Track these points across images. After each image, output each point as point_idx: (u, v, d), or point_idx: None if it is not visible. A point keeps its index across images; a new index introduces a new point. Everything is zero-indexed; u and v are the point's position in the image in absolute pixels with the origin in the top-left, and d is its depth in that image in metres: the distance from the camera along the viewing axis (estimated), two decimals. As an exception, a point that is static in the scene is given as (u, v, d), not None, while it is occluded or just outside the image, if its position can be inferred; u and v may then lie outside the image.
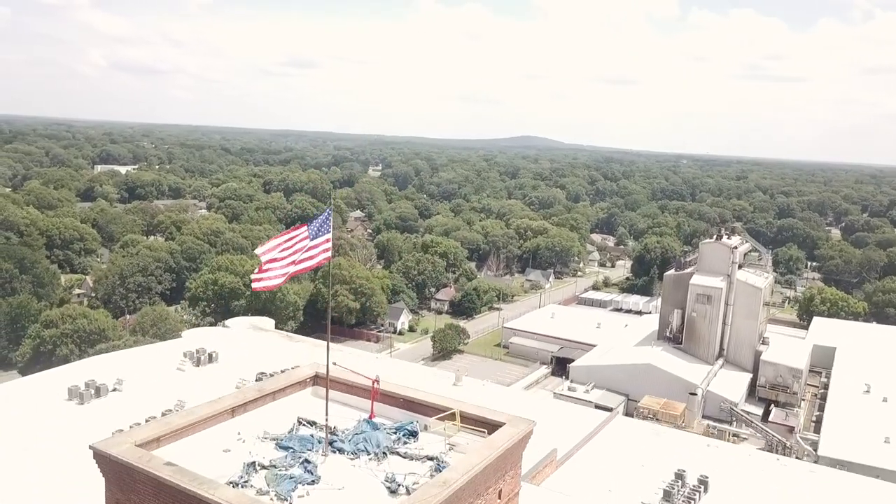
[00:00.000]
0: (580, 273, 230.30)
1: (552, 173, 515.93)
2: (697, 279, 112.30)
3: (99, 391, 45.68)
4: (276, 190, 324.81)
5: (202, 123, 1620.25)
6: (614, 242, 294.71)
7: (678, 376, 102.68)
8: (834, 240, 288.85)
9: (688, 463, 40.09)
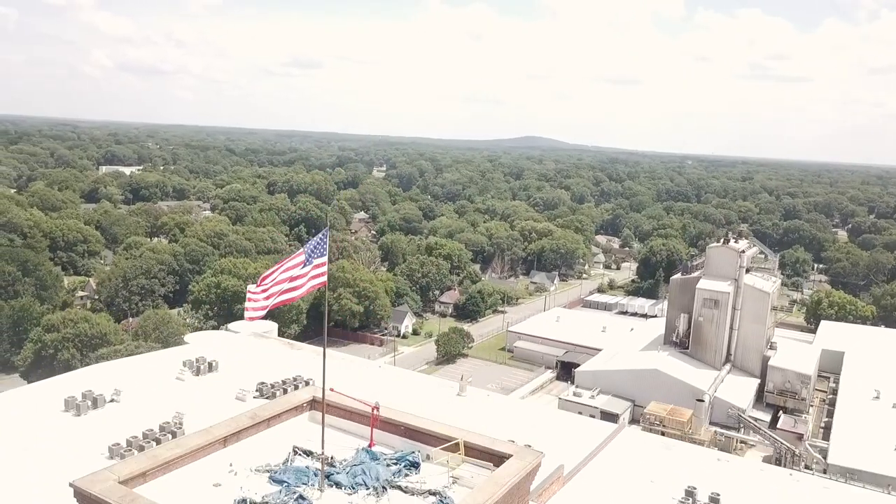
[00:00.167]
0: (585, 275, 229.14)
1: (557, 174, 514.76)
2: (704, 283, 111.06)
3: (96, 402, 44.69)
4: (281, 191, 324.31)
5: (207, 124, 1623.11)
6: (619, 244, 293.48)
7: (685, 382, 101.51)
8: (840, 242, 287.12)
9: (698, 479, 39.06)
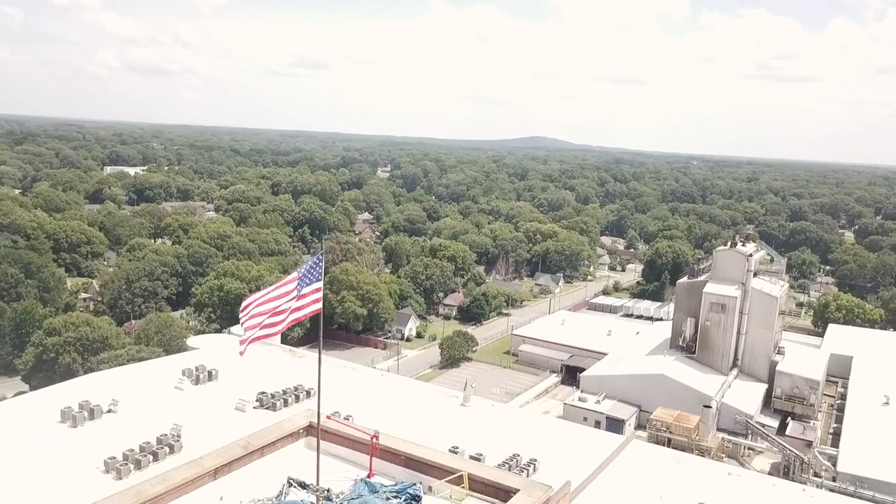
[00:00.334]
0: (590, 277, 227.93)
1: (561, 175, 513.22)
2: (711, 287, 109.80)
3: (93, 413, 43.89)
4: (285, 192, 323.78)
5: (212, 124, 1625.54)
6: (624, 245, 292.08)
7: (692, 387, 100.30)
8: (847, 243, 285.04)
9: (709, 494, 38.05)
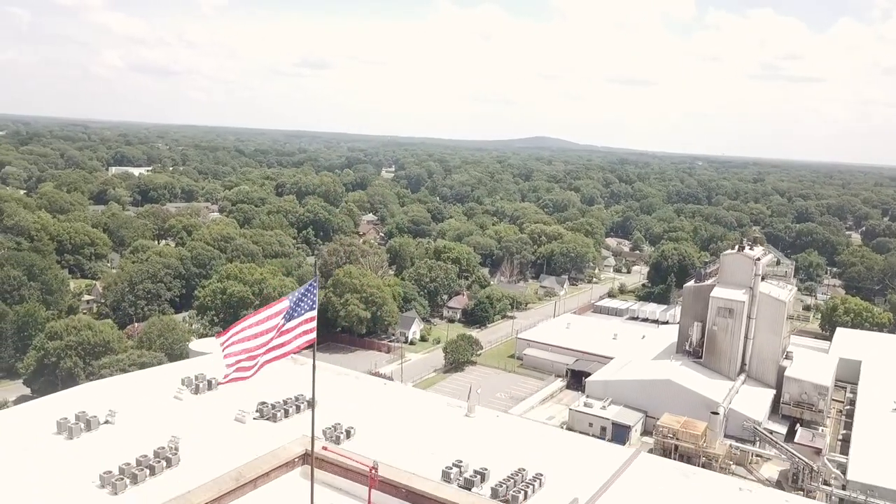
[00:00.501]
0: (595, 279, 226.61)
1: (566, 175, 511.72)
2: (719, 291, 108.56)
3: (90, 424, 42.94)
4: (289, 193, 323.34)
5: (217, 124, 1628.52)
6: (630, 247, 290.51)
7: (699, 393, 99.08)
8: (854, 245, 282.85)
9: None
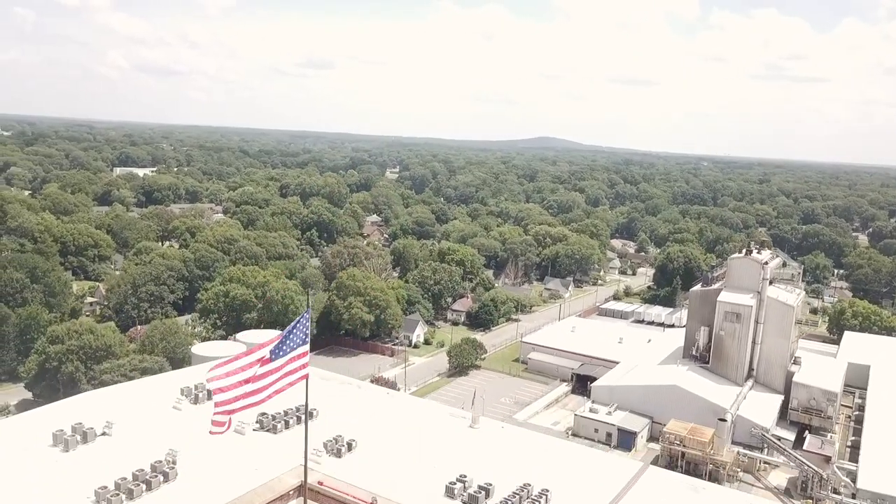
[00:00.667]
0: (601, 281, 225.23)
1: (571, 176, 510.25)
2: (726, 296, 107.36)
3: (86, 436, 42.21)
4: (293, 194, 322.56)
5: (221, 125, 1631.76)
6: (635, 249, 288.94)
7: (706, 399, 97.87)
8: (861, 247, 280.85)
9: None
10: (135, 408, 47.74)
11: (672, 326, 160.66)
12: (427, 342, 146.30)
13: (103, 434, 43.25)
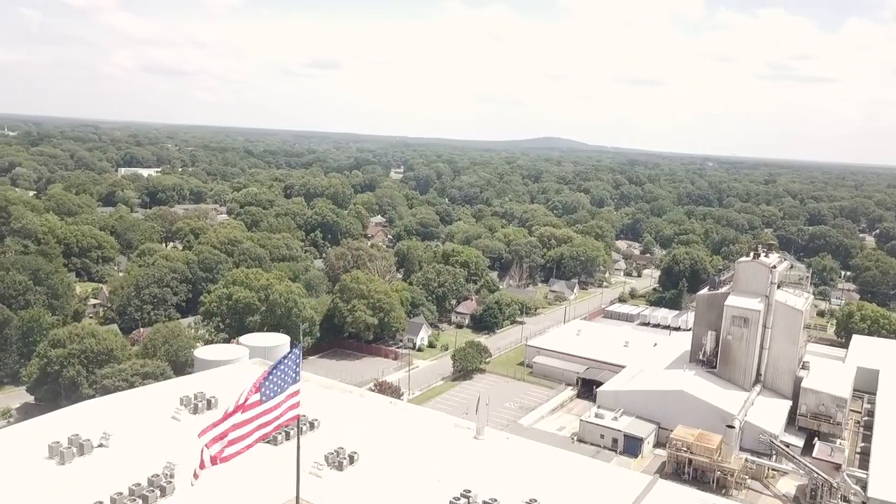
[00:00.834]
0: (606, 283, 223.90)
1: (576, 177, 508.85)
2: (733, 300, 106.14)
3: (82, 448, 41.37)
4: (298, 194, 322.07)
5: (227, 125, 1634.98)
6: (640, 250, 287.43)
7: (713, 405, 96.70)
8: (868, 248, 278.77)
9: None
10: (133, 418, 46.89)
11: (678, 329, 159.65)
12: (431, 345, 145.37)
13: (100, 446, 42.40)
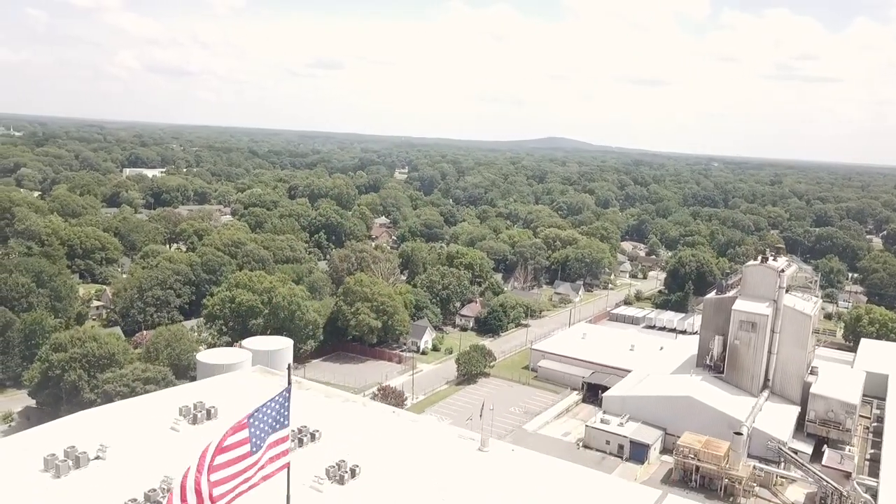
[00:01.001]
0: (611, 285, 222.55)
1: (580, 177, 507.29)
2: (741, 304, 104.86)
3: (78, 461, 40.54)
4: (302, 195, 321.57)
5: (231, 125, 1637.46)
6: (646, 252, 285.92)
7: (721, 411, 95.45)
8: (875, 250, 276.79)
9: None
10: (131, 429, 46.02)
11: (684, 333, 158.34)
12: (435, 348, 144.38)
13: (97, 458, 41.55)
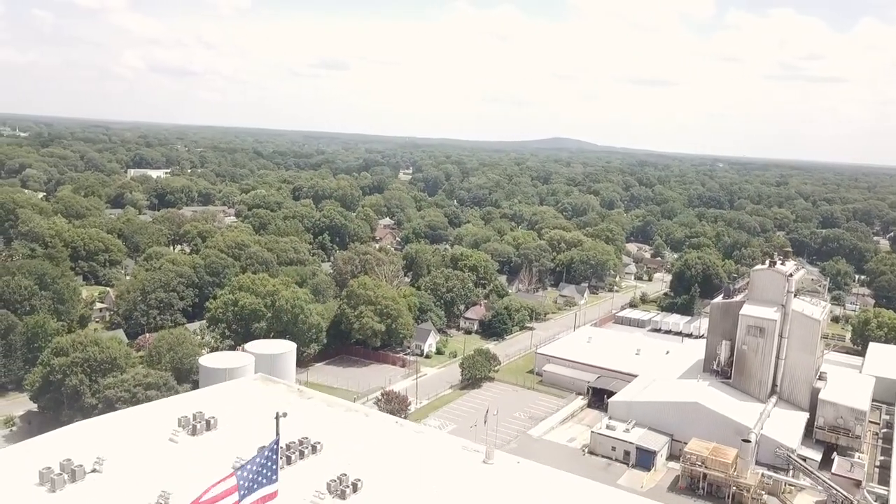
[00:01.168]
0: (616, 288, 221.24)
1: (585, 178, 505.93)
2: (748, 309, 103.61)
3: (74, 474, 39.72)
4: (306, 196, 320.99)
5: (236, 125, 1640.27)
6: (651, 253, 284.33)
7: (728, 417, 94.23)
8: (883, 252, 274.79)
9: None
10: (128, 440, 45.18)
11: (690, 336, 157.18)
12: (439, 352, 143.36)
13: (93, 471, 40.72)
